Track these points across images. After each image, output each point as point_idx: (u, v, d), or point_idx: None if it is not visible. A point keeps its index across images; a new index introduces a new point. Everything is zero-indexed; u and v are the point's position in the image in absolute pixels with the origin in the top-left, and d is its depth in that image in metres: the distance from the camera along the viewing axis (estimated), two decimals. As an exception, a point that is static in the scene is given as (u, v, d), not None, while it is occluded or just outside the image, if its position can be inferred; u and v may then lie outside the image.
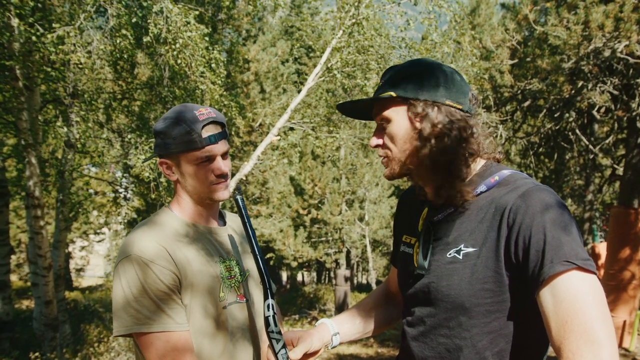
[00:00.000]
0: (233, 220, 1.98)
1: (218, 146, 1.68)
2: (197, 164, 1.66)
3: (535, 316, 1.22)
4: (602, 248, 9.91)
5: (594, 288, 1.12)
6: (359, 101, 1.45)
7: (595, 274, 1.14)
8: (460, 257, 1.32)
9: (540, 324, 1.20)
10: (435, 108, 1.33)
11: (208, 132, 1.65)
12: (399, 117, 1.37)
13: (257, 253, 1.60)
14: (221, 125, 1.71)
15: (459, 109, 1.35)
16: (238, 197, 1.36)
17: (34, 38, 6.71)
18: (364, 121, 11.78)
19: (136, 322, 1.52)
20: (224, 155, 1.72)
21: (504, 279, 1.25)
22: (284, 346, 1.48)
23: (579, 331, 1.08)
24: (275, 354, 1.46)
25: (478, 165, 1.41)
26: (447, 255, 1.35)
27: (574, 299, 1.11)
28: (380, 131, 1.43)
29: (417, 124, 1.34)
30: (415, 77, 1.37)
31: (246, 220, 1.58)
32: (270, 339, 1.49)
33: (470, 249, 1.31)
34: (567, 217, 1.20)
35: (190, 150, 1.64)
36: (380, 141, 1.42)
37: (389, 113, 1.38)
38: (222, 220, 1.91)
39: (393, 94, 1.36)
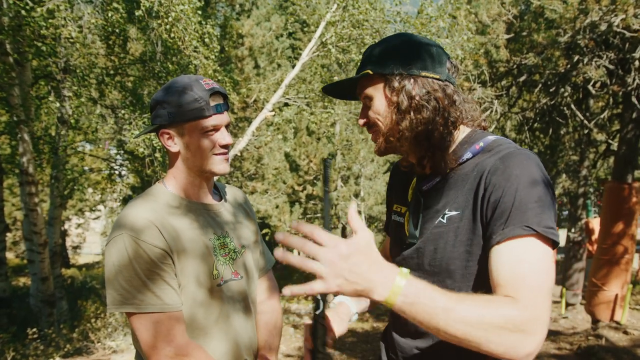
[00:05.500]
0: (231, 195, 1.95)
1: (223, 116, 1.68)
2: (202, 133, 1.64)
3: None
4: (595, 223, 9.99)
5: (544, 258, 1.15)
6: (341, 82, 1.46)
7: (553, 243, 1.17)
8: (445, 221, 1.35)
9: None
10: (412, 80, 1.33)
11: (214, 101, 1.64)
12: (378, 93, 1.38)
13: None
14: (224, 97, 1.69)
15: (436, 78, 1.35)
16: (327, 161, 1.28)
17: (23, 12, 6.59)
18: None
19: (124, 301, 1.52)
20: (226, 127, 1.71)
21: (482, 240, 1.27)
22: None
23: (512, 292, 1.11)
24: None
25: (463, 133, 1.42)
26: (435, 222, 1.38)
27: (520, 264, 1.14)
28: (365, 109, 1.44)
29: (394, 98, 1.34)
30: (391, 52, 1.37)
31: (327, 192, 1.35)
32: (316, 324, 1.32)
33: (453, 213, 1.33)
34: (543, 182, 1.22)
35: (198, 118, 1.62)
36: (365, 119, 1.44)
37: (369, 91, 1.40)
38: (218, 195, 1.89)
39: (370, 71, 1.37)
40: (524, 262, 1.14)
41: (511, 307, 1.07)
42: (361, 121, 1.45)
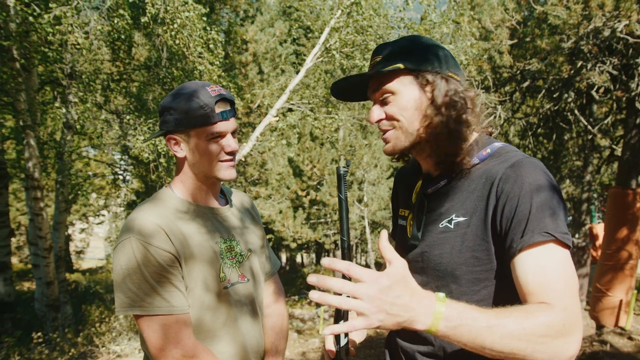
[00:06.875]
0: (238, 199, 1.97)
1: (229, 123, 1.69)
2: (208, 139, 1.66)
3: None
4: (599, 229, 9.97)
5: (566, 261, 1.18)
6: (359, 75, 1.41)
7: (569, 247, 1.19)
8: (452, 226, 1.35)
9: None
10: (444, 79, 1.35)
11: (220, 108, 1.66)
12: (406, 89, 1.36)
13: (346, 243, 1.26)
14: (231, 103, 1.71)
15: (458, 80, 1.38)
16: (342, 170, 1.29)
17: (30, 18, 6.66)
18: (362, 102, 11.75)
19: (132, 303, 1.54)
20: (233, 134, 1.73)
21: (491, 247, 1.28)
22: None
23: (544, 298, 1.13)
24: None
25: (471, 138, 1.43)
26: (440, 225, 1.38)
27: (546, 269, 1.16)
28: (382, 105, 1.41)
29: (429, 93, 1.35)
30: (418, 51, 1.38)
31: (343, 200, 1.29)
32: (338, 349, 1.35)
33: (461, 219, 1.34)
34: (553, 189, 1.24)
35: (203, 125, 1.64)
36: (382, 115, 1.41)
37: (394, 85, 1.37)
38: (224, 199, 1.92)
39: (401, 65, 1.35)
40: (549, 268, 1.16)
41: (548, 314, 1.08)
42: (376, 115, 1.41)
